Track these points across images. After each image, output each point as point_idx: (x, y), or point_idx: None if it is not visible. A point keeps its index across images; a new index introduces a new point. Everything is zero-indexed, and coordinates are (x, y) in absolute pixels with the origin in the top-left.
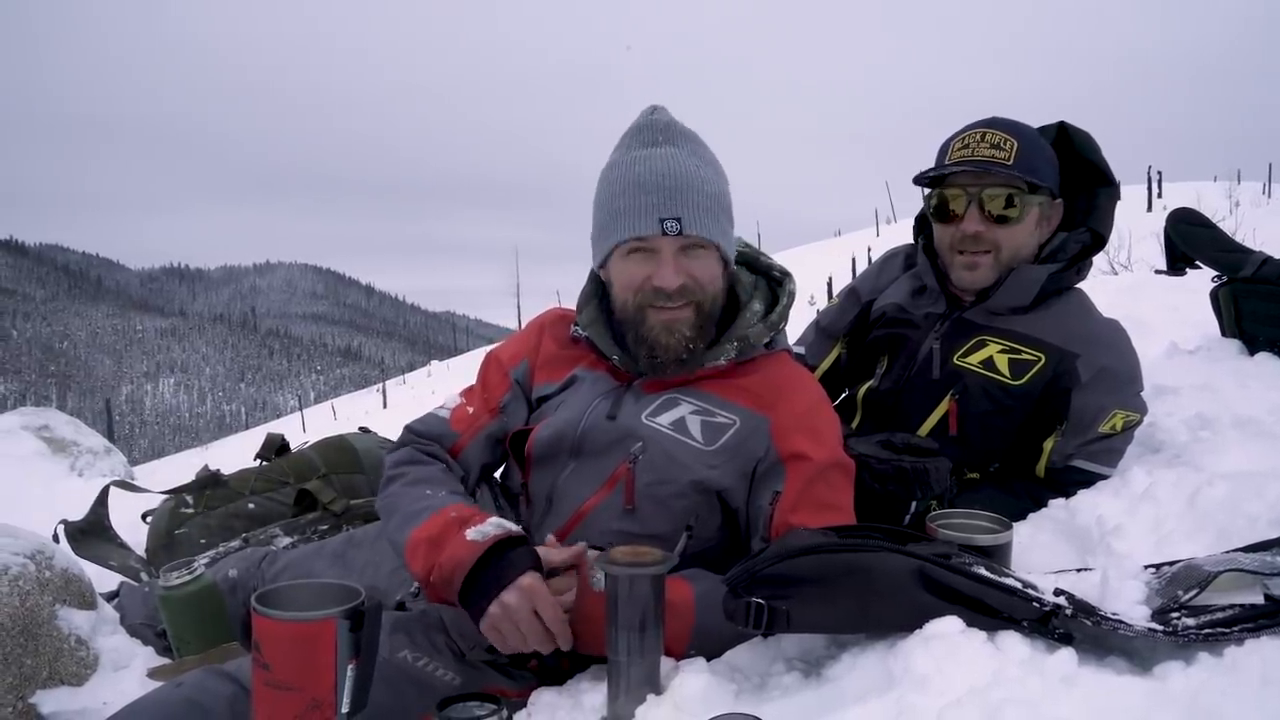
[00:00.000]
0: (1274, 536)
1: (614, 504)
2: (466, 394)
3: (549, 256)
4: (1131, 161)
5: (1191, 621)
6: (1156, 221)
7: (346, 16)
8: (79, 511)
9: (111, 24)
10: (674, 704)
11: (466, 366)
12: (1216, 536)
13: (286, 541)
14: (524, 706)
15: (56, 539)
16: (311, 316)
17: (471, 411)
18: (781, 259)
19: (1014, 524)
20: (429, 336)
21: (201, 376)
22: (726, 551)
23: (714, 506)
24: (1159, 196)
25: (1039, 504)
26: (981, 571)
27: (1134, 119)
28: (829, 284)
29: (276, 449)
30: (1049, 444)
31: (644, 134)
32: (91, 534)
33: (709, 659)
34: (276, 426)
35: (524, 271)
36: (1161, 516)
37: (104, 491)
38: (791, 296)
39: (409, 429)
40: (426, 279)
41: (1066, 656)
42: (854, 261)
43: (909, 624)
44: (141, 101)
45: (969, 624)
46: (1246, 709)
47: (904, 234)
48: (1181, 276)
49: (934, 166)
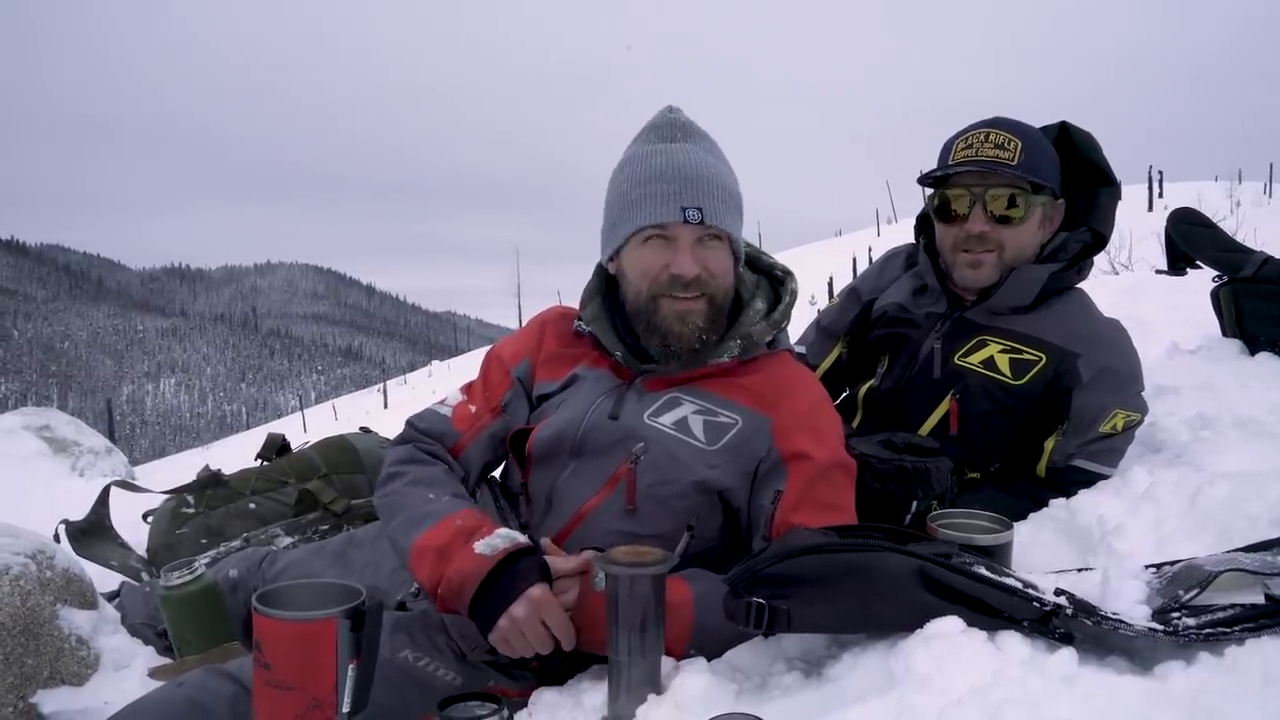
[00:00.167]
0: (1275, 536)
1: (615, 504)
2: (468, 391)
3: (549, 256)
4: (1132, 161)
5: (1192, 621)
6: (1157, 221)
7: (348, 16)
8: (80, 511)
9: (111, 24)
10: (675, 704)
11: (467, 366)
12: (1217, 536)
13: (287, 541)
14: (525, 706)
15: (57, 539)
16: (312, 316)
17: (474, 410)
18: (782, 259)
19: (1015, 524)
20: (430, 336)
21: (202, 376)
22: (728, 551)
23: (715, 506)
24: (1160, 196)
25: (1040, 504)
26: (982, 571)
27: (1134, 119)
28: (830, 284)
29: (277, 449)
30: (1050, 444)
31: (662, 130)
32: (92, 534)
33: (709, 659)
34: (277, 426)
35: (524, 271)
36: (1162, 516)
37: (105, 491)
38: (794, 295)
39: (411, 424)
40: (427, 279)
41: (1067, 656)
42: (854, 261)
43: (910, 624)
44: (142, 101)
45: (970, 624)
46: (1247, 709)
47: (905, 234)
48: (1182, 276)
49: (937, 166)
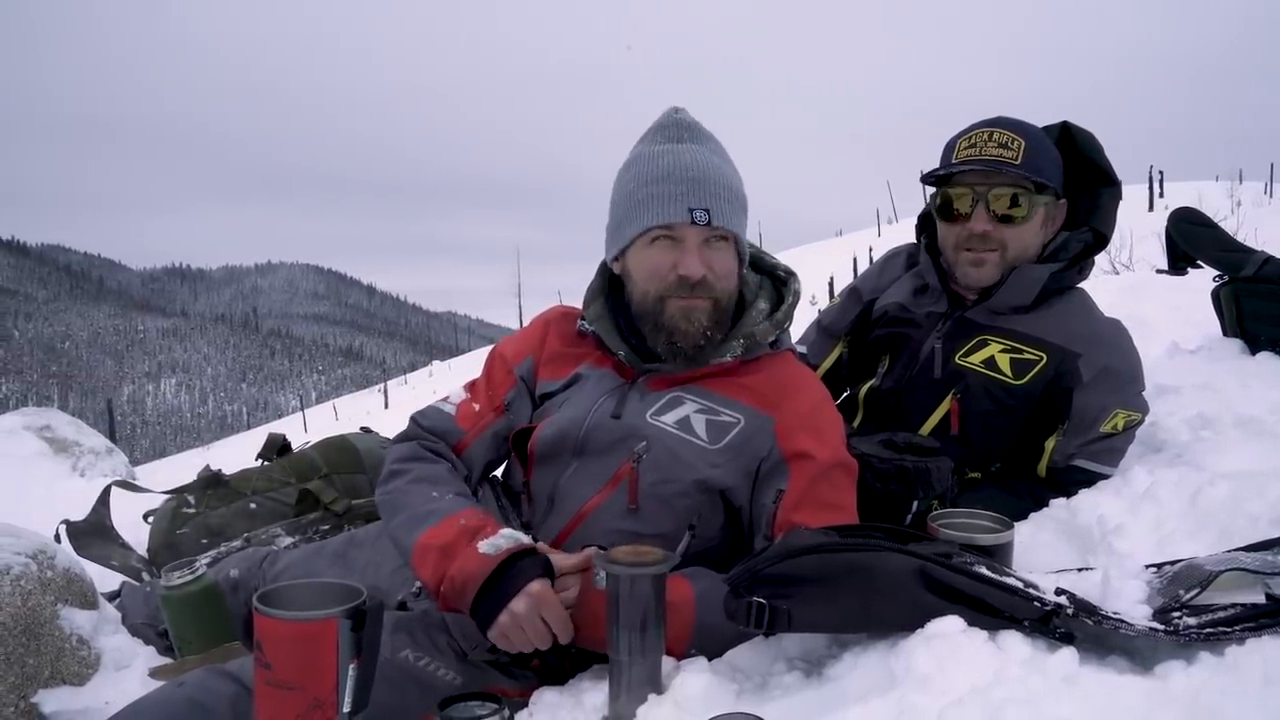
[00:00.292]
0: (1275, 536)
1: (617, 503)
2: (471, 389)
3: (549, 256)
4: (1133, 161)
5: (1193, 621)
6: (1158, 221)
7: (348, 16)
8: (81, 511)
9: (112, 24)
10: (675, 703)
11: (468, 366)
12: (1218, 536)
13: (288, 541)
14: (525, 706)
15: (58, 539)
16: (313, 317)
17: (477, 409)
18: (783, 259)
19: (1015, 523)
20: (430, 337)
21: (203, 377)
22: (729, 550)
23: (717, 506)
24: (1160, 196)
25: (1040, 503)
26: (983, 571)
27: (1135, 119)
28: (830, 284)
29: (278, 449)
30: (1050, 443)
31: (668, 131)
32: (93, 534)
33: (710, 658)
34: (278, 427)
35: (525, 272)
36: (1163, 516)
37: (106, 491)
38: (797, 296)
39: (414, 421)
40: (428, 279)
41: (1068, 656)
42: (855, 261)
43: (910, 623)
44: (142, 101)
45: (970, 623)
46: (1248, 708)
47: (905, 234)
48: (1183, 276)
49: (940, 165)
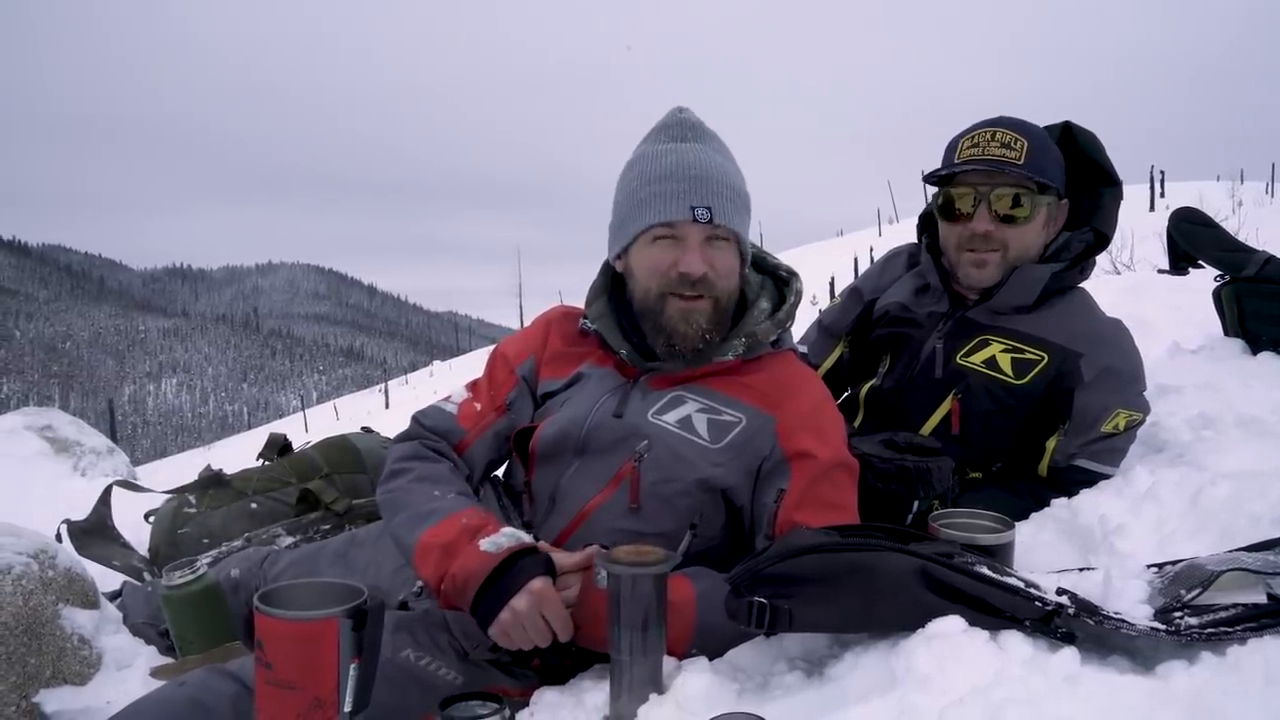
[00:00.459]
0: (1277, 536)
1: (618, 503)
2: (473, 388)
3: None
4: (1134, 161)
5: (1194, 621)
6: (1159, 221)
7: (348, 16)
8: (82, 511)
9: (112, 24)
10: (676, 703)
11: (469, 366)
12: (1219, 536)
13: (289, 541)
14: (526, 705)
15: (59, 539)
16: (314, 317)
17: (479, 408)
18: (784, 259)
19: (1016, 523)
20: (431, 337)
21: (204, 377)
22: (730, 550)
23: (718, 505)
24: (1161, 196)
25: (1041, 503)
26: (984, 571)
27: (1136, 118)
28: (831, 284)
29: (279, 449)
30: (1051, 443)
31: (672, 130)
32: (94, 534)
33: (711, 658)
34: (279, 426)
35: (525, 272)
36: (1164, 516)
37: (107, 491)
38: (798, 295)
39: (416, 421)
40: (429, 279)
41: (1069, 656)
42: (856, 261)
43: (911, 623)
44: (143, 101)
45: (971, 623)
46: (1249, 708)
47: (906, 234)
48: (1184, 276)
49: (943, 165)
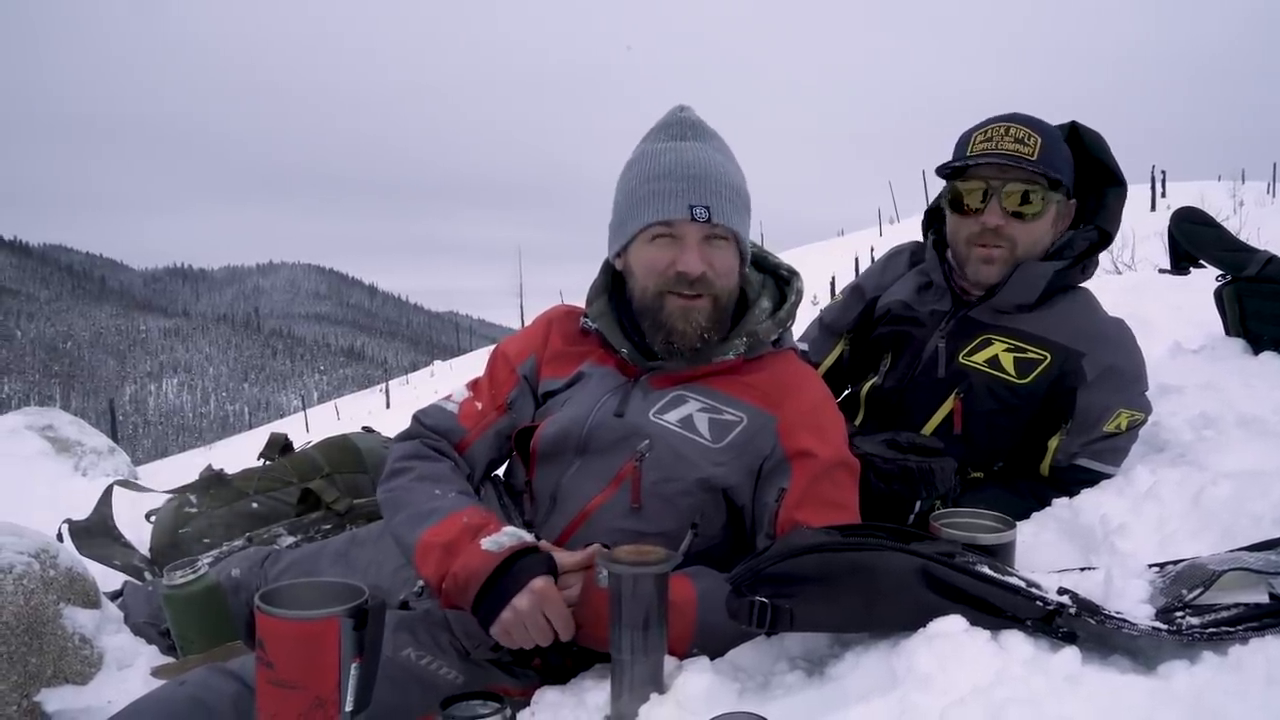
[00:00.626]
0: (1278, 535)
1: (620, 502)
2: (474, 387)
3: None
4: (1135, 161)
5: (1196, 621)
6: (1160, 221)
7: (349, 16)
8: (83, 511)
9: (112, 24)
10: (677, 702)
11: (469, 366)
12: (1221, 535)
13: (290, 541)
14: (527, 705)
15: (61, 538)
16: (315, 317)
17: (480, 407)
18: (785, 259)
19: (1017, 523)
20: (432, 336)
21: (205, 376)
22: (731, 549)
23: (719, 504)
24: (1163, 196)
25: (1043, 503)
26: (985, 570)
27: (1137, 118)
28: (832, 283)
29: (280, 448)
30: (1053, 443)
31: (672, 129)
32: (96, 533)
33: (712, 658)
34: (280, 426)
35: (525, 272)
36: (1165, 515)
37: (108, 491)
38: (799, 294)
39: (417, 420)
40: (430, 279)
41: (1070, 655)
42: (857, 261)
43: (912, 623)
44: (143, 101)
45: (972, 623)
46: (1251, 708)
47: (907, 233)
48: (1185, 276)
49: (954, 158)
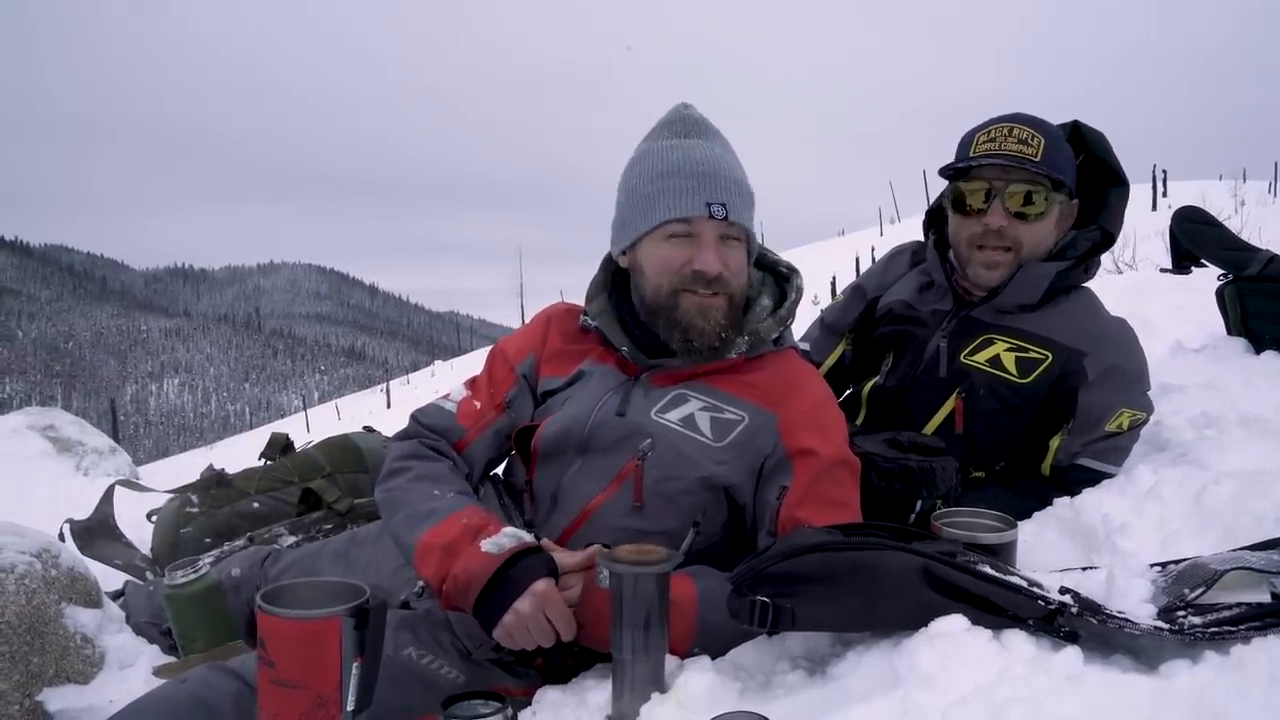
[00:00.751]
0: None
1: (622, 501)
2: (472, 386)
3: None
4: (1136, 160)
5: (1198, 620)
6: (1161, 220)
7: (350, 16)
8: (84, 511)
9: (112, 24)
10: (678, 702)
11: (470, 366)
12: (1223, 535)
13: (291, 540)
14: (529, 705)
15: (62, 538)
16: (315, 317)
17: (478, 407)
18: (784, 258)
19: (1019, 522)
20: (433, 336)
21: (206, 376)
22: (731, 546)
23: (721, 503)
24: (1164, 195)
25: (1044, 502)
26: (987, 570)
27: (1137, 117)
28: (833, 283)
29: (281, 448)
30: (1055, 442)
31: (676, 126)
32: (97, 533)
33: (713, 657)
34: (281, 426)
35: (525, 272)
36: (1167, 515)
37: (109, 491)
38: (799, 292)
39: (415, 419)
40: (430, 279)
41: (1072, 655)
42: (858, 261)
43: (914, 622)
44: (143, 101)
45: (974, 622)
46: (1253, 708)
47: (908, 233)
48: (1187, 275)
49: (957, 158)
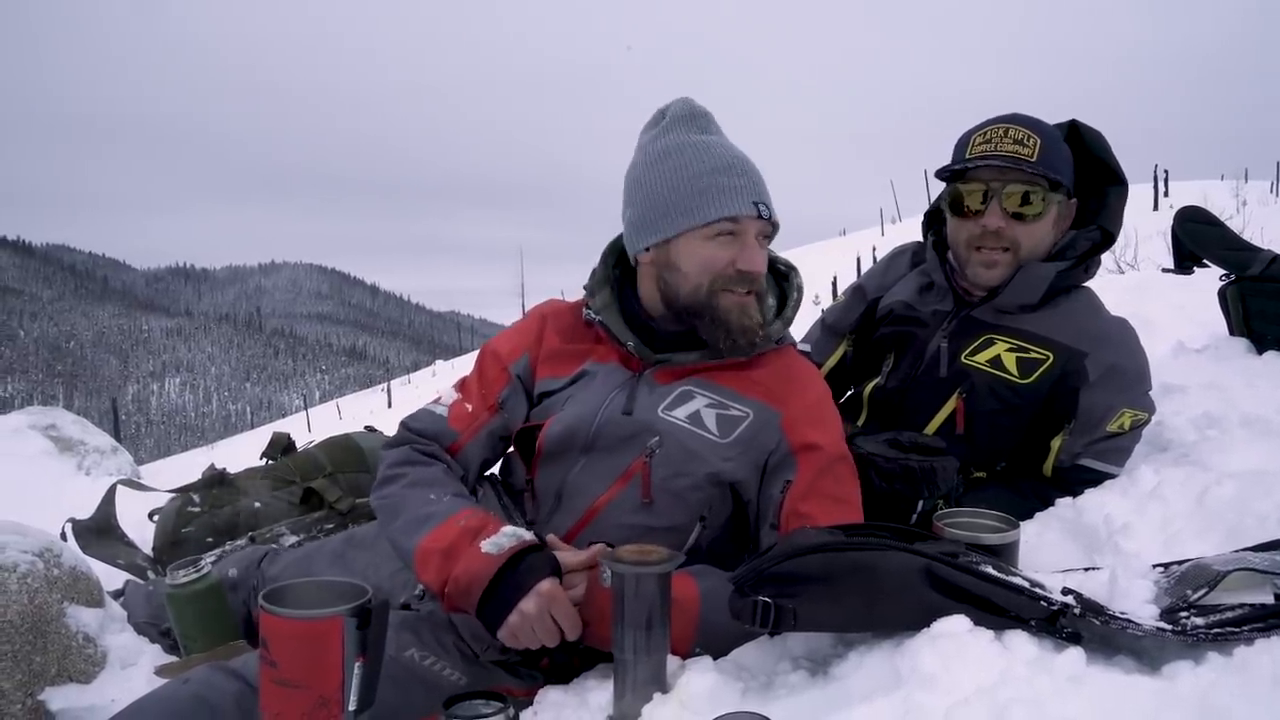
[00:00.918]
0: None
1: (629, 498)
2: (462, 389)
3: (550, 256)
4: (1137, 160)
5: (1200, 621)
6: (1163, 220)
7: (350, 16)
8: (86, 510)
9: (112, 24)
10: (680, 702)
11: (471, 367)
12: (1225, 535)
13: (293, 540)
14: (530, 705)
15: (64, 537)
16: (317, 316)
17: (470, 409)
18: (785, 258)
19: (1021, 523)
20: (434, 336)
21: (207, 376)
22: (732, 541)
23: (726, 498)
24: (1165, 195)
25: (1046, 503)
26: (989, 570)
27: (1138, 117)
28: (834, 283)
29: (282, 448)
30: (1056, 443)
31: (700, 121)
32: (99, 532)
33: (715, 657)
34: (282, 426)
35: (526, 271)
36: (1169, 515)
37: (111, 490)
38: (801, 291)
39: (405, 426)
40: (431, 279)
41: (1074, 656)
42: (859, 261)
43: (916, 623)
44: (144, 101)
45: (976, 623)
46: (1256, 709)
47: (909, 233)
48: (1189, 275)
49: (954, 160)
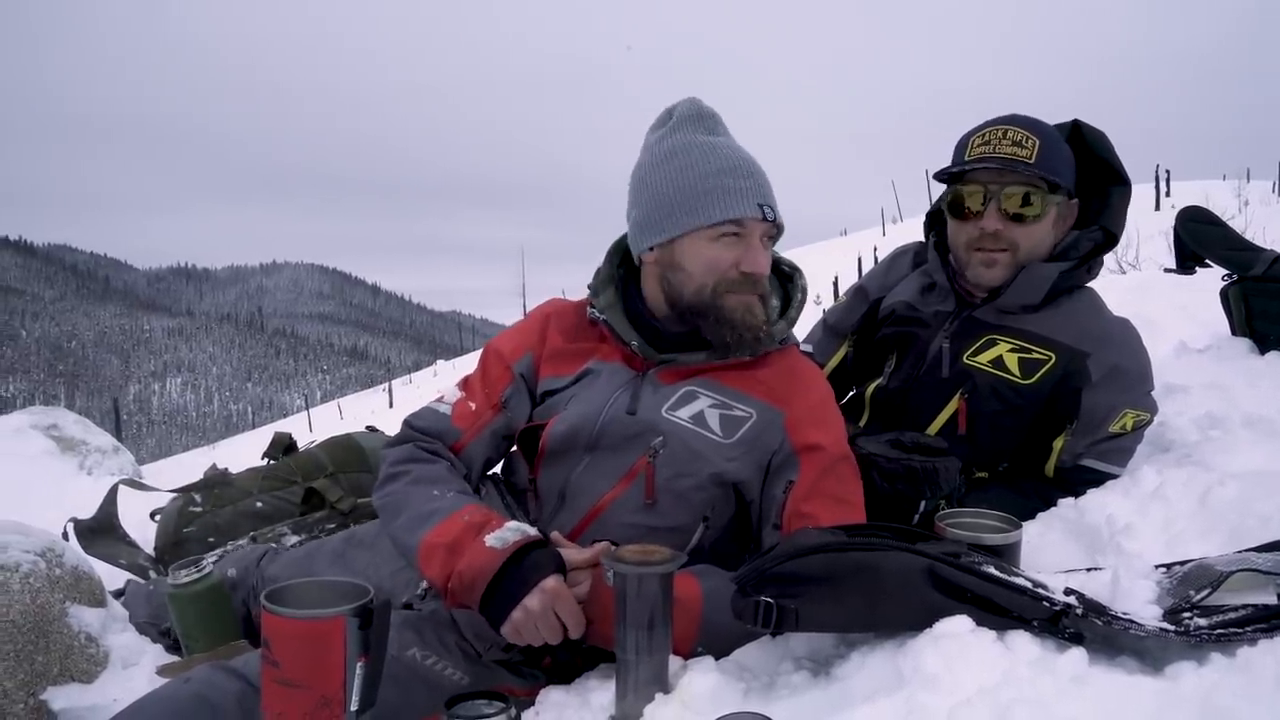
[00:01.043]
0: None
1: (632, 498)
2: (465, 387)
3: (550, 256)
4: (1139, 160)
5: (1203, 621)
6: (1165, 220)
7: (350, 16)
8: (88, 510)
9: (112, 24)
10: (682, 702)
11: (472, 366)
12: (1228, 536)
13: (294, 540)
14: (532, 705)
15: (66, 537)
16: (318, 316)
17: (474, 408)
18: (787, 258)
19: (1023, 523)
20: (435, 336)
21: (209, 376)
22: (734, 540)
23: (730, 498)
24: (1167, 195)
25: (1048, 503)
26: (991, 571)
27: (1140, 117)
28: (835, 284)
29: (284, 448)
30: (1058, 443)
31: (708, 123)
32: (101, 532)
33: (717, 657)
34: (283, 426)
35: (527, 271)
36: (1172, 516)
37: (113, 490)
38: (804, 292)
39: (408, 424)
40: (432, 279)
41: (1077, 656)
42: (860, 261)
43: (918, 623)
44: (145, 101)
45: (979, 623)
46: (1259, 710)
47: (910, 233)
48: (1191, 275)
49: (953, 162)
